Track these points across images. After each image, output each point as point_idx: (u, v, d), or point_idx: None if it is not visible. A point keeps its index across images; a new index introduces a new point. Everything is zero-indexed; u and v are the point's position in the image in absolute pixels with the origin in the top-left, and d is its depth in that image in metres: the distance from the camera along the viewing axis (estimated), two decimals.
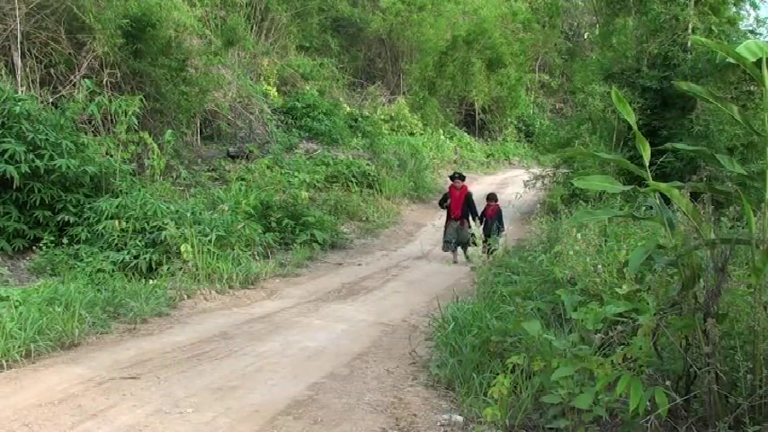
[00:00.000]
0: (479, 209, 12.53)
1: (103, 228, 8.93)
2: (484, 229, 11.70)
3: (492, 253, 10.88)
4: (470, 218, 12.02)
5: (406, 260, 12.24)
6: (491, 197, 12.84)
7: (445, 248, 12.40)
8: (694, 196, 3.85)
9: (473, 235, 11.00)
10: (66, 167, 9.13)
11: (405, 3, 26.35)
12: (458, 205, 12.44)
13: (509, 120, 31.32)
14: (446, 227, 12.58)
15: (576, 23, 36.16)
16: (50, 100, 10.97)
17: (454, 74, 26.62)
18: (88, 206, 9.40)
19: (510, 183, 21.96)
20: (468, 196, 12.58)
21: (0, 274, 8.08)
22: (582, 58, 28.23)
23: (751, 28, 18.58)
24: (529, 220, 13.92)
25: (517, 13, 30.76)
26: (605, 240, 7.43)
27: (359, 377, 5.45)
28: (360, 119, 21.51)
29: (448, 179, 22.18)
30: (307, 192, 13.50)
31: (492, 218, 12.41)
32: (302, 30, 22.86)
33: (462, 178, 12.92)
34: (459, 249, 12.55)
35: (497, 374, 4.18)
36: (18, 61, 10.88)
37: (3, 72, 10.45)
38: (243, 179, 13.74)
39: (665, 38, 15.25)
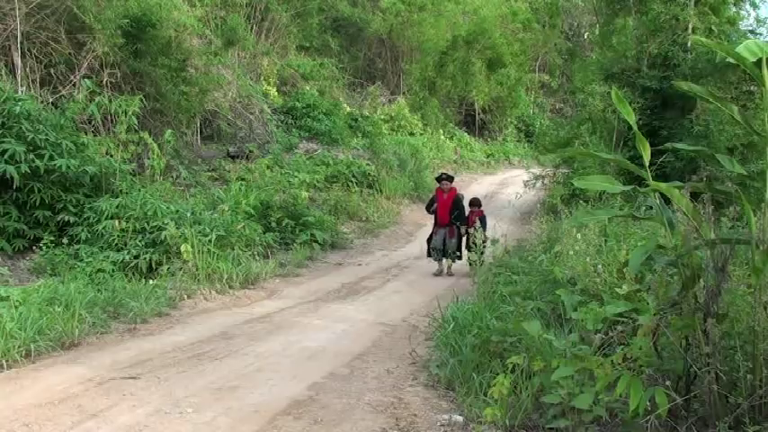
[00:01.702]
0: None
1: (103, 228, 8.93)
2: (468, 238, 10.93)
3: (472, 265, 10.37)
4: (460, 224, 11.09)
5: (406, 260, 12.23)
6: (474, 203, 11.71)
7: (435, 257, 11.16)
8: (694, 196, 3.85)
9: (473, 243, 10.20)
10: (66, 167, 9.13)
11: (405, 3, 26.36)
12: (445, 210, 11.19)
13: (509, 120, 31.33)
14: (432, 233, 11.34)
15: (576, 23, 36.16)
16: (50, 100, 10.97)
17: (454, 74, 26.63)
18: (88, 206, 9.39)
19: (510, 183, 21.98)
20: (457, 200, 11.40)
21: (0, 274, 8.08)
22: (582, 58, 28.20)
23: (751, 28, 18.67)
24: (529, 220, 13.93)
25: (517, 13, 30.76)
26: (605, 240, 7.44)
27: (359, 377, 5.45)
28: (360, 119, 21.51)
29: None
30: (307, 192, 13.51)
31: (474, 224, 11.00)
32: (302, 30, 22.85)
33: (450, 179, 11.63)
34: (446, 260, 11.24)
35: (497, 374, 4.18)
36: (18, 61, 10.87)
37: (3, 72, 10.45)
38: (243, 179, 13.74)
39: (665, 38, 15.26)
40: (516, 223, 15.66)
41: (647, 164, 3.78)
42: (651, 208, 5.04)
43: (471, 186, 22.27)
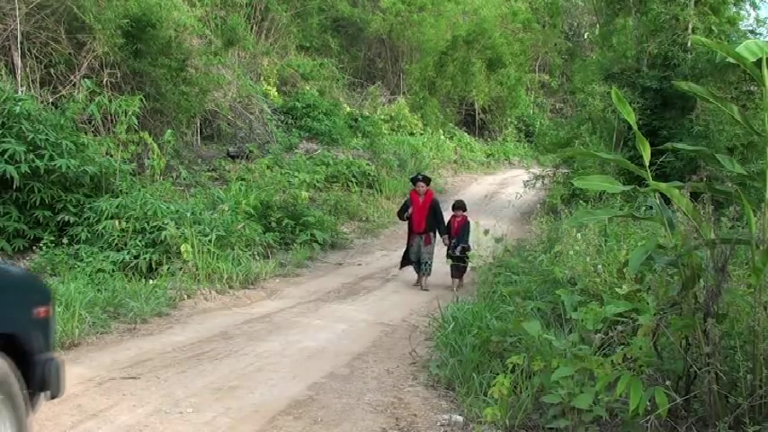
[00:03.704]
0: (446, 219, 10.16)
1: (103, 228, 8.93)
2: (449, 245, 9.87)
3: (461, 279, 9.63)
4: (440, 233, 9.89)
5: None
6: (458, 206, 10.16)
7: (416, 269, 9.95)
8: (694, 196, 3.85)
9: (462, 253, 9.30)
10: (66, 167, 9.13)
11: (405, 3, 26.33)
12: (422, 216, 9.84)
13: (509, 120, 31.29)
14: (408, 243, 10.02)
15: (576, 23, 36.15)
16: (50, 100, 10.97)
17: (454, 74, 26.59)
18: (88, 206, 9.39)
19: (510, 183, 21.96)
20: (435, 204, 9.99)
21: None
22: (582, 58, 28.21)
23: (751, 28, 18.62)
24: (529, 220, 13.92)
25: (517, 13, 30.72)
26: (605, 240, 7.44)
27: (359, 377, 5.45)
28: (360, 119, 21.50)
29: (449, 179, 22.38)
30: (307, 192, 13.49)
31: (457, 233, 9.90)
32: (302, 30, 22.85)
33: (427, 181, 10.26)
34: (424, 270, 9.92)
35: (497, 374, 4.19)
36: (18, 61, 10.87)
37: (3, 72, 10.44)
38: (243, 179, 13.73)
39: (665, 38, 15.24)
40: (516, 223, 15.64)
41: (647, 164, 3.79)
42: (651, 208, 5.04)
43: (471, 186, 22.26)
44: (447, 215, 10.33)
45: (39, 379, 3.10)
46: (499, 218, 14.48)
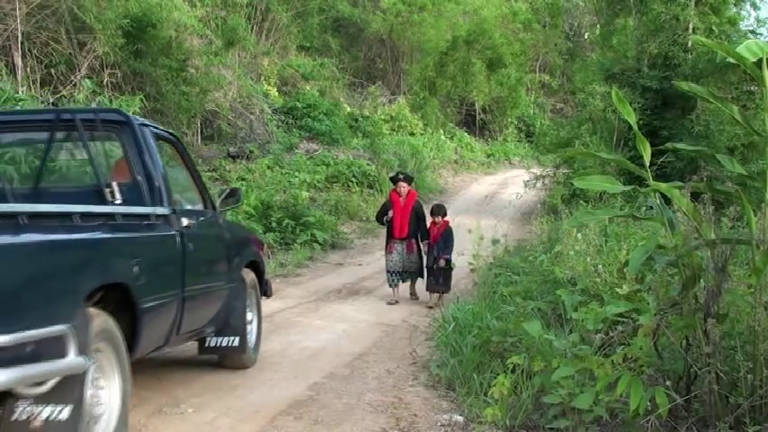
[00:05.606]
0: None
1: None
2: (428, 255, 8.76)
3: (441, 294, 8.44)
4: (421, 239, 8.82)
5: None
6: (436, 211, 8.78)
7: (391, 282, 8.86)
8: (695, 196, 3.85)
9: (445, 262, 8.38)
10: (66, 167, 9.12)
11: (405, 3, 26.33)
12: (404, 220, 8.68)
13: (509, 120, 31.27)
14: (388, 251, 8.90)
15: (576, 23, 36.12)
16: (51, 100, 10.95)
17: (454, 74, 26.59)
18: None
19: (510, 183, 21.96)
20: (418, 206, 8.85)
21: None
22: (582, 58, 28.22)
23: (751, 28, 18.60)
24: (529, 220, 13.92)
25: (518, 13, 30.71)
26: (606, 240, 7.45)
27: (359, 377, 5.45)
28: (360, 119, 21.50)
29: (449, 179, 22.38)
30: (307, 192, 13.51)
31: (437, 241, 8.67)
32: (302, 30, 22.85)
33: (409, 180, 9.06)
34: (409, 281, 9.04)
35: (498, 374, 4.18)
36: (18, 61, 10.88)
37: (3, 72, 10.45)
38: (243, 179, 13.75)
39: (665, 38, 15.25)
40: (517, 223, 15.64)
41: (648, 164, 3.78)
42: (651, 208, 5.05)
43: (471, 186, 22.28)
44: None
45: (264, 287, 5.93)
46: (499, 218, 14.49)
